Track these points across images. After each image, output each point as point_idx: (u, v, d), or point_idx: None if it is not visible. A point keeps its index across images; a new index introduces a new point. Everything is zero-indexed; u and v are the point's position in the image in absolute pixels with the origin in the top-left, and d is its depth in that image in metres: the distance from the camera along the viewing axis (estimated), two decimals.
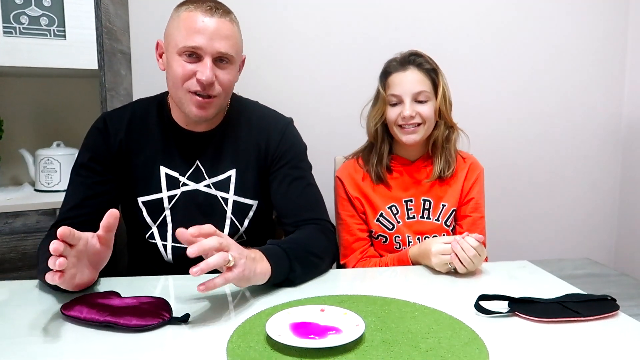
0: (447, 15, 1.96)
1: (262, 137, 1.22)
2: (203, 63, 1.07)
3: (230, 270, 0.87)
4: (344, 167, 1.43)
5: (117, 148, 1.17)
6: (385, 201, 1.37)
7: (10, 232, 1.40)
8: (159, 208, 1.19)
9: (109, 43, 1.53)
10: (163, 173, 1.18)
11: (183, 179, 1.19)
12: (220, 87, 1.11)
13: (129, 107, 1.23)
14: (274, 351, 0.74)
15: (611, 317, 0.89)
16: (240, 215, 1.21)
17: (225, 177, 1.20)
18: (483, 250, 1.07)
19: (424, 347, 0.77)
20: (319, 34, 1.89)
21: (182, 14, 1.09)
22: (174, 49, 1.08)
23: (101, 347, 0.77)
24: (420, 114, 1.30)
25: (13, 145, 1.65)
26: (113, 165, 1.17)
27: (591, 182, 2.18)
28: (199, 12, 1.07)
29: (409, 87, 1.30)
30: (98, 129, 1.18)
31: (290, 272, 1.01)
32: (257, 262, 0.94)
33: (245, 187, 1.21)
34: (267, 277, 0.96)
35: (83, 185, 1.15)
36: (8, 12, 1.38)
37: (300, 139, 1.28)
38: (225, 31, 1.08)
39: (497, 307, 0.91)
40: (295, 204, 1.20)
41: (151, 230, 1.20)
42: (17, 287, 1.04)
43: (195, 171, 1.19)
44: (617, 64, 2.13)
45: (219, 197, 1.20)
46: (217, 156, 1.20)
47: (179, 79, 1.09)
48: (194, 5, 1.08)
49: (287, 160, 1.22)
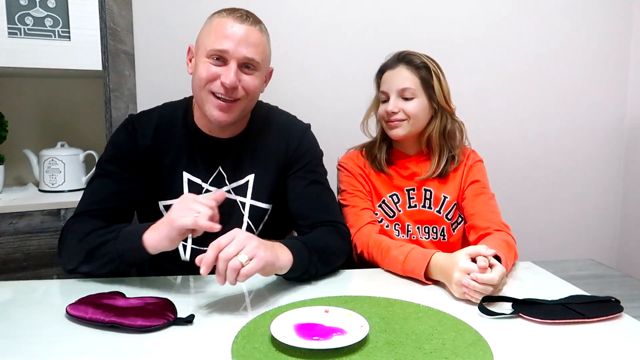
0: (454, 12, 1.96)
1: (280, 142, 1.24)
2: (228, 67, 1.09)
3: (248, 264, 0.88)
4: (346, 156, 1.46)
5: (143, 150, 1.18)
6: (387, 189, 1.39)
7: (14, 232, 1.41)
8: None
9: (113, 44, 1.54)
10: (185, 179, 1.20)
11: (206, 185, 1.20)
12: (243, 91, 1.12)
13: (156, 111, 1.24)
14: (278, 352, 0.75)
15: (615, 318, 0.89)
16: (256, 219, 1.23)
17: (244, 182, 1.22)
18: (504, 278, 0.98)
19: (428, 348, 0.77)
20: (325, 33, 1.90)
21: (215, 20, 1.12)
22: (202, 52, 1.11)
23: (106, 347, 0.77)
24: (404, 110, 1.33)
25: (17, 145, 1.66)
26: (139, 166, 1.18)
27: (594, 182, 2.18)
28: (230, 19, 1.10)
29: (396, 83, 1.34)
30: (126, 130, 1.19)
31: (310, 263, 1.03)
32: (277, 249, 0.96)
33: (261, 192, 1.22)
34: (289, 265, 0.98)
35: (111, 179, 1.15)
36: (13, 13, 1.38)
37: (317, 144, 1.30)
38: (253, 38, 1.11)
39: (501, 308, 0.92)
40: (311, 207, 1.21)
41: None
42: (21, 287, 1.04)
43: (217, 177, 1.21)
44: (620, 62, 2.12)
45: (237, 202, 1.21)
46: (238, 162, 1.21)
47: (203, 80, 1.10)
48: (227, 12, 1.12)
49: (304, 163, 1.24)
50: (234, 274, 0.86)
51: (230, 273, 0.86)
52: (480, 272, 0.95)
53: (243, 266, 0.86)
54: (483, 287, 0.93)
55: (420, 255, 1.08)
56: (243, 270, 0.86)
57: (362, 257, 1.24)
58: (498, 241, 1.14)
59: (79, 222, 1.10)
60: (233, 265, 0.86)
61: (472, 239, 1.28)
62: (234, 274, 0.86)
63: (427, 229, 1.39)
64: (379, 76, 1.41)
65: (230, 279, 0.86)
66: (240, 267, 0.86)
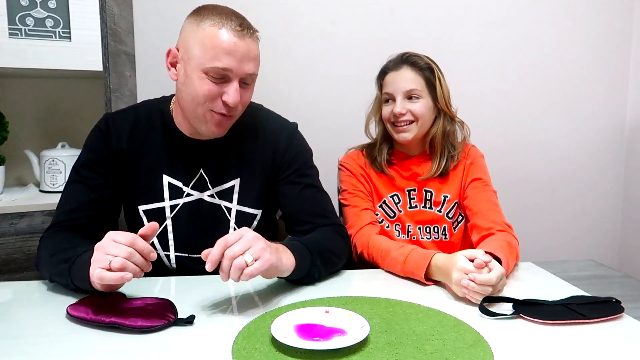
0: (454, 13, 1.96)
1: (268, 146, 1.20)
2: (231, 85, 1.04)
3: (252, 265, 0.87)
4: (348, 156, 1.46)
5: (118, 152, 1.14)
6: (388, 190, 1.39)
7: (15, 233, 1.41)
8: (160, 217, 1.16)
9: (114, 44, 1.54)
10: (166, 182, 1.16)
11: (187, 188, 1.16)
12: (241, 107, 1.10)
13: (131, 111, 1.20)
14: (278, 353, 0.75)
15: (616, 319, 0.89)
16: (243, 224, 1.17)
17: (229, 187, 1.18)
18: (503, 279, 0.98)
19: (428, 349, 0.77)
20: (324, 33, 1.90)
21: (207, 29, 1.02)
22: (197, 65, 1.03)
23: (107, 348, 0.78)
24: (411, 111, 1.32)
25: (18, 146, 1.66)
26: (114, 168, 1.14)
27: (595, 183, 2.18)
28: (228, 31, 1.02)
29: (401, 85, 1.33)
30: (100, 130, 1.15)
31: (312, 266, 1.02)
32: (281, 252, 0.96)
33: (249, 197, 1.19)
34: (292, 268, 0.97)
35: (84, 186, 1.12)
36: (14, 13, 1.39)
37: (306, 144, 1.26)
38: (254, 53, 1.06)
39: (502, 309, 0.92)
40: (307, 212, 1.19)
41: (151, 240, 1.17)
42: (22, 288, 1.04)
43: (199, 180, 1.17)
44: (621, 63, 2.12)
45: (222, 207, 1.18)
46: (221, 165, 1.18)
47: (201, 98, 1.04)
48: (220, 20, 1.02)
49: (295, 167, 1.20)
50: (238, 273, 0.86)
51: (234, 271, 0.86)
52: (478, 271, 0.95)
53: (248, 266, 0.86)
54: (481, 287, 0.93)
55: (421, 256, 1.08)
56: (247, 270, 0.86)
57: (362, 257, 1.24)
58: (500, 242, 1.14)
59: (51, 236, 1.08)
60: (238, 264, 0.85)
61: (474, 239, 1.27)
62: (237, 273, 0.86)
63: (428, 228, 1.39)
64: (381, 77, 1.40)
65: (234, 277, 0.86)
66: (245, 267, 0.86)
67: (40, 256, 1.06)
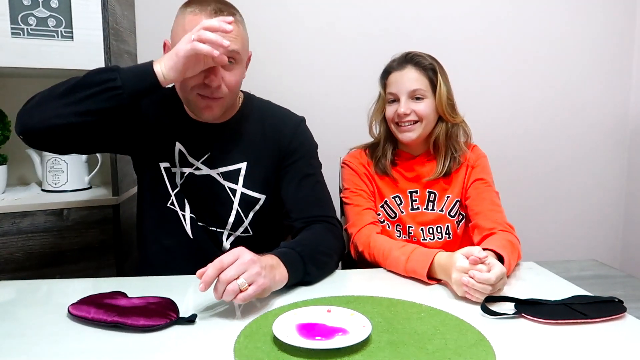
0: (459, 11, 1.96)
1: (275, 134, 1.23)
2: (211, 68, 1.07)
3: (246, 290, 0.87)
4: (351, 155, 1.45)
5: (145, 115, 1.20)
6: (390, 191, 1.39)
7: (17, 232, 1.41)
8: (173, 179, 1.22)
9: (116, 44, 1.54)
10: (177, 149, 1.21)
11: (197, 162, 1.21)
12: (226, 89, 1.12)
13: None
14: (280, 352, 0.75)
15: (618, 319, 0.89)
16: (246, 207, 1.23)
17: (235, 169, 1.22)
18: (504, 278, 0.97)
19: (430, 348, 0.77)
20: (329, 32, 1.90)
21: (187, 17, 1.08)
22: None
23: (108, 347, 0.78)
24: (416, 111, 1.32)
25: (20, 145, 1.64)
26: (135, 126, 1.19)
27: (597, 182, 2.18)
28: (205, 14, 1.06)
29: (406, 85, 1.32)
30: None
31: (305, 274, 1.03)
32: (275, 269, 0.96)
33: (254, 181, 1.22)
34: (284, 282, 0.98)
35: None
36: (16, 13, 1.39)
37: (311, 137, 1.30)
38: (233, 30, 1.07)
39: (504, 308, 0.91)
40: (303, 201, 1.21)
41: (171, 198, 1.22)
42: (24, 287, 1.05)
43: (208, 159, 1.21)
44: (623, 60, 2.12)
45: (227, 188, 1.21)
46: (228, 148, 1.22)
47: (187, 83, 1.09)
48: (199, 8, 1.08)
49: (298, 157, 1.24)
50: (231, 297, 0.86)
51: (227, 295, 0.86)
52: (471, 267, 0.95)
53: (242, 291, 0.86)
54: (481, 286, 0.93)
55: (423, 254, 1.08)
56: (240, 296, 0.86)
57: (363, 257, 1.24)
58: (502, 241, 1.14)
59: None
60: (231, 289, 0.85)
61: (476, 240, 1.27)
62: (231, 297, 0.86)
63: (432, 229, 1.38)
64: (384, 77, 1.39)
65: (227, 300, 0.86)
66: (239, 292, 0.86)
67: (38, 95, 1.08)
